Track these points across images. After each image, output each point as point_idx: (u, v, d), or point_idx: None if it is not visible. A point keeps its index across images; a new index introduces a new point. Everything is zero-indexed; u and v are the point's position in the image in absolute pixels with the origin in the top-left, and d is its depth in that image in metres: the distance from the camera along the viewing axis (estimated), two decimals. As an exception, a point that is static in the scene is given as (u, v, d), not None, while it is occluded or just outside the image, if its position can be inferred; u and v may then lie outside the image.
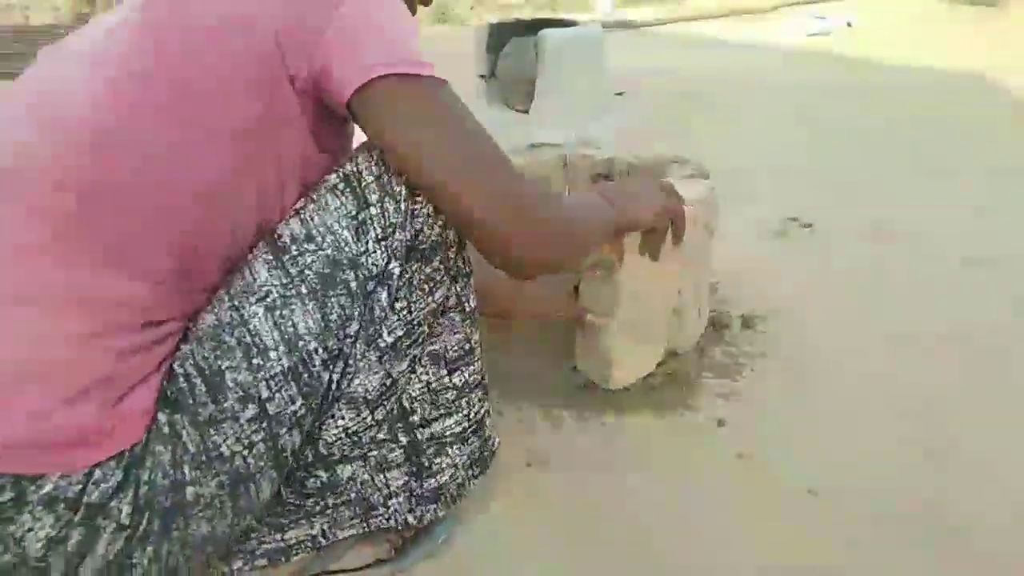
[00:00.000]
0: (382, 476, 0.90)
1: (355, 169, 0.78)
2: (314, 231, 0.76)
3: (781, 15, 5.68)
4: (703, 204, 1.29)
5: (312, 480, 0.85)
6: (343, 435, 0.83)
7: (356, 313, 0.77)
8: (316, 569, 0.94)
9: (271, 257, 0.76)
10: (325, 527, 0.89)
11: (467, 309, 0.88)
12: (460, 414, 0.91)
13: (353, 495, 0.88)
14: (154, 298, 0.72)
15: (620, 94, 3.31)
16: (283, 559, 0.88)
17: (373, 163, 0.78)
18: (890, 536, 1.04)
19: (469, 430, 0.93)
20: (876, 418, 1.27)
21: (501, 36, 2.93)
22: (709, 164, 1.45)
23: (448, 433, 0.91)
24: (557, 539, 1.03)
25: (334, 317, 0.76)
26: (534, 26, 2.87)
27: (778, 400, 1.32)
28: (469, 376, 0.91)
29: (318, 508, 0.87)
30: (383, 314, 0.79)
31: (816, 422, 1.26)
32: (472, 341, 0.91)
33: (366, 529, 0.92)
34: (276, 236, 0.77)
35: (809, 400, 1.32)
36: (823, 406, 1.30)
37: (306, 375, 0.75)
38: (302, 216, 0.77)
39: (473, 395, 0.93)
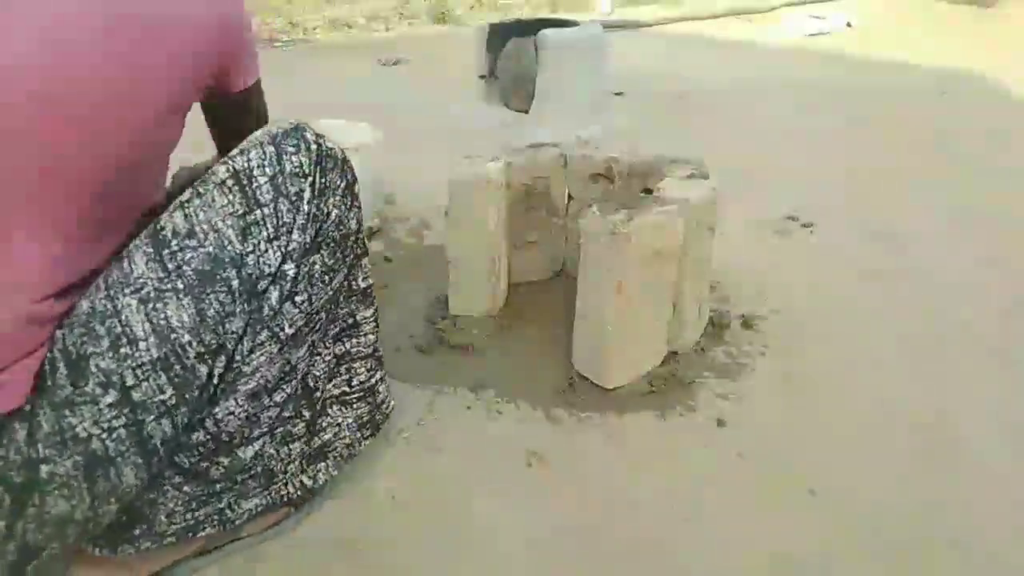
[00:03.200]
0: (286, 448, 0.94)
1: (246, 166, 0.79)
2: (197, 228, 0.77)
3: (781, 15, 5.67)
4: (703, 204, 1.29)
5: (215, 469, 0.87)
6: (244, 422, 0.85)
7: (238, 310, 0.78)
8: (223, 541, 0.97)
9: (151, 250, 0.77)
10: (231, 500, 0.92)
11: (354, 287, 0.94)
12: (339, 378, 0.98)
13: (260, 468, 0.92)
14: (61, 264, 0.75)
15: (620, 94, 3.31)
16: (191, 535, 0.91)
17: (267, 162, 0.80)
18: (890, 536, 1.04)
19: (352, 395, 1.00)
20: (876, 418, 1.27)
21: (501, 36, 2.93)
22: (709, 164, 1.45)
23: (328, 396, 0.98)
24: (557, 538, 1.03)
25: (211, 313, 0.77)
26: (534, 26, 2.87)
27: (778, 400, 1.32)
28: (351, 347, 0.97)
29: (225, 487, 0.90)
30: (271, 313, 0.80)
31: (816, 422, 1.26)
32: (357, 317, 0.97)
33: (269, 497, 0.96)
34: (159, 228, 0.78)
35: (809, 400, 1.32)
36: (823, 406, 1.30)
37: (178, 366, 0.76)
38: (187, 211, 0.78)
39: (357, 365, 0.99)
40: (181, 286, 0.76)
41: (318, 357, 0.93)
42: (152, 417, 0.77)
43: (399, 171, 2.13)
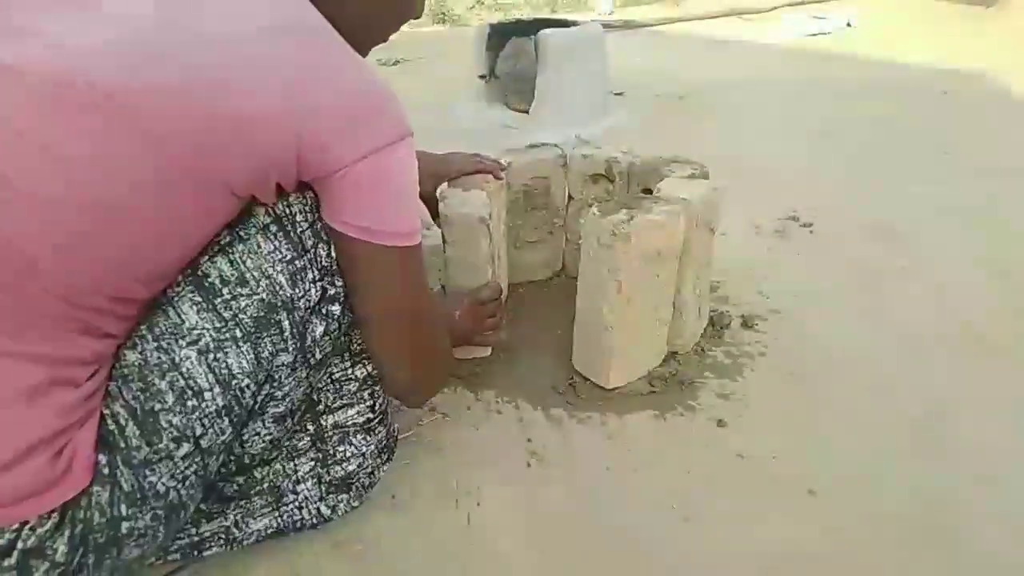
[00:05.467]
0: (292, 463, 0.93)
1: (288, 211, 0.78)
2: (248, 275, 0.76)
3: (781, 15, 5.67)
4: (703, 204, 1.29)
5: (229, 486, 0.89)
6: (268, 445, 0.87)
7: (290, 347, 0.79)
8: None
9: (200, 299, 0.75)
10: (238, 517, 0.92)
11: None
12: (363, 405, 0.95)
13: (265, 484, 0.92)
14: (103, 351, 0.72)
15: (620, 94, 3.31)
16: (196, 552, 0.91)
17: (308, 208, 0.78)
18: (890, 536, 1.04)
19: (375, 420, 0.97)
20: (876, 418, 1.27)
21: (501, 36, 2.93)
22: (709, 164, 1.45)
23: (351, 423, 0.95)
24: (557, 538, 1.03)
25: (266, 354, 0.78)
26: (534, 26, 2.88)
27: (778, 400, 1.32)
28: (372, 369, 0.94)
29: (233, 504, 0.91)
30: (312, 344, 0.82)
31: (816, 422, 1.26)
32: None
33: (280, 520, 0.95)
34: (201, 275, 0.75)
35: (809, 400, 1.32)
36: (823, 406, 1.30)
37: (237, 408, 0.78)
38: (231, 257, 0.76)
39: (378, 387, 0.96)
40: (239, 334, 0.75)
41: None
42: (215, 457, 0.79)
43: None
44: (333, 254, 0.81)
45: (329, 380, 0.92)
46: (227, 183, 0.70)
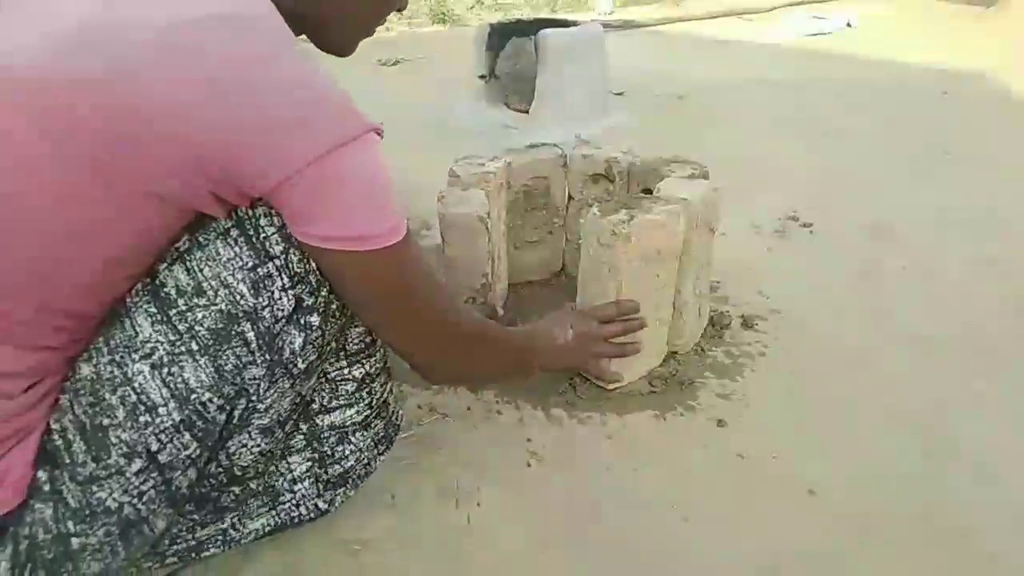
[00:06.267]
0: (284, 462, 0.91)
1: (251, 214, 0.72)
2: (204, 284, 0.71)
3: (781, 15, 5.67)
4: (703, 204, 1.29)
5: (226, 496, 0.86)
6: (258, 457, 0.83)
7: (258, 359, 0.74)
8: None
9: (155, 310, 0.71)
10: (235, 520, 0.90)
11: None
12: (361, 404, 0.93)
13: (260, 488, 0.90)
14: (40, 363, 0.70)
15: (620, 94, 3.31)
16: (194, 556, 0.89)
17: (273, 211, 0.72)
18: (890, 536, 1.04)
19: (372, 416, 0.95)
20: (876, 418, 1.27)
21: (501, 36, 2.93)
22: (709, 164, 1.45)
23: (349, 423, 0.93)
24: (557, 538, 1.03)
25: (229, 367, 0.72)
26: (534, 26, 2.88)
27: (778, 400, 1.32)
28: (370, 367, 0.92)
29: (232, 510, 0.89)
30: (292, 357, 0.76)
31: (816, 422, 1.26)
32: (373, 335, 0.92)
33: (277, 518, 0.93)
34: (158, 284, 0.72)
35: (809, 400, 1.32)
36: (823, 406, 1.30)
37: (200, 422, 0.73)
38: (188, 264, 0.71)
39: (375, 383, 0.94)
40: (196, 347, 0.71)
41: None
42: (179, 472, 0.75)
43: (399, 171, 2.13)
44: (309, 262, 0.74)
45: (325, 380, 0.90)
46: (146, 187, 0.64)
